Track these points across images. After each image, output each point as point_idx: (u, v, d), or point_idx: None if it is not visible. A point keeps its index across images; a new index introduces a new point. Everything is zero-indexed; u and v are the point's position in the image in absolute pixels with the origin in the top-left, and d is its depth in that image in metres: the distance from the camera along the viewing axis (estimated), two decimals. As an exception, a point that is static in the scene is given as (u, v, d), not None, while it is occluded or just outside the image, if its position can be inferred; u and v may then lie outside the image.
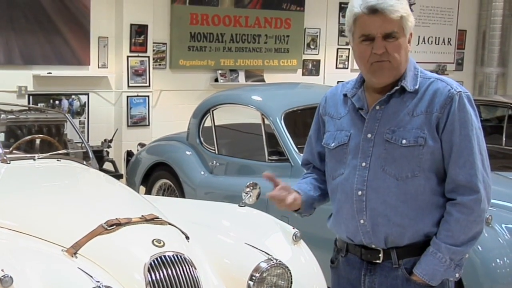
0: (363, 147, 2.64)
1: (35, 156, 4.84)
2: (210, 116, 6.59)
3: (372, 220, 2.62)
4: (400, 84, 2.60)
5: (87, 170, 4.87)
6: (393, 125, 2.59)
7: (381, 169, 2.60)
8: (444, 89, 2.56)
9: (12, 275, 3.05)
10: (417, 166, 2.55)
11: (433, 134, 2.54)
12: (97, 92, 9.46)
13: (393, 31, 2.53)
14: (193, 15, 10.06)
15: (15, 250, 3.42)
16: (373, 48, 2.55)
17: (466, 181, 2.52)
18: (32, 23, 8.75)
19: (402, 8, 2.53)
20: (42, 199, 4.08)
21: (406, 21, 2.55)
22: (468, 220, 2.52)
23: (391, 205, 2.59)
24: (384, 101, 2.64)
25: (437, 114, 2.54)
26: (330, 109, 2.83)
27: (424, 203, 2.58)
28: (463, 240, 2.53)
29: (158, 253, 3.45)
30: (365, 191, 2.63)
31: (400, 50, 2.55)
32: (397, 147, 2.57)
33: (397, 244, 2.61)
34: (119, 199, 4.20)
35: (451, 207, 2.55)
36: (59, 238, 3.59)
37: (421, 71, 2.66)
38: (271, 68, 10.89)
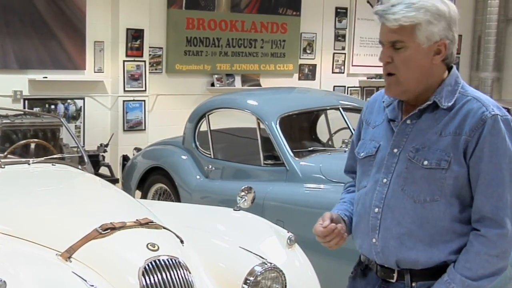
0: (387, 162, 2.50)
1: (29, 160, 4.84)
2: (206, 120, 6.60)
3: (383, 241, 2.49)
4: (433, 99, 2.43)
5: (82, 175, 4.86)
6: (419, 143, 2.43)
7: (400, 188, 2.45)
8: (478, 110, 2.36)
9: (5, 279, 3.04)
10: (438, 190, 2.38)
11: (459, 158, 2.35)
12: (93, 96, 9.46)
13: (397, 40, 2.39)
14: (189, 20, 10.06)
15: (9, 254, 3.42)
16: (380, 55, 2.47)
17: (492, 214, 2.33)
18: (28, 27, 8.74)
19: (410, 17, 2.35)
20: (36, 204, 4.07)
21: (420, 30, 2.36)
22: (489, 254, 2.33)
23: (405, 228, 2.44)
24: (416, 115, 2.47)
25: (466, 137, 2.34)
26: (369, 116, 2.69)
27: (443, 230, 2.41)
28: (481, 274, 2.35)
29: (153, 257, 3.45)
30: (381, 209, 2.49)
31: (408, 63, 2.40)
32: (418, 167, 2.41)
33: (411, 267, 2.47)
34: (113, 203, 4.20)
35: (474, 238, 2.36)
36: (53, 242, 3.59)
37: (463, 86, 2.46)
38: (267, 72, 10.90)
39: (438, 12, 2.37)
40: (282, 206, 5.43)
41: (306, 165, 5.62)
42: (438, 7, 2.37)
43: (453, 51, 2.44)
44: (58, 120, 8.45)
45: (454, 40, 2.43)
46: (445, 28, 2.39)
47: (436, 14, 2.36)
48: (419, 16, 2.35)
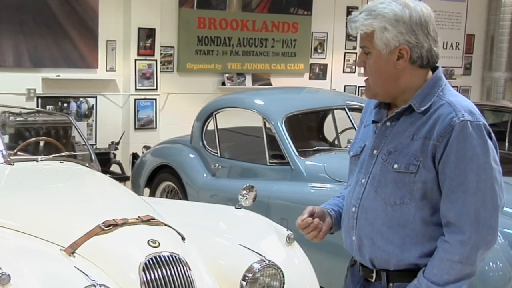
0: (367, 162, 2.55)
1: (38, 158, 4.94)
2: (213, 119, 6.69)
3: (358, 240, 2.55)
4: (409, 103, 2.45)
5: (88, 172, 4.96)
6: (392, 146, 2.46)
7: (374, 189, 2.49)
8: (447, 115, 2.36)
9: (9, 272, 3.14)
10: (408, 193, 2.40)
11: (428, 163, 2.37)
12: (105, 95, 9.57)
13: (364, 46, 2.46)
14: (200, 19, 10.15)
15: (14, 249, 3.51)
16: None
17: (455, 220, 2.34)
18: (41, 27, 8.87)
19: (366, 25, 2.42)
20: (41, 200, 4.17)
21: (376, 37, 2.41)
22: (451, 260, 2.34)
23: (377, 229, 2.48)
24: (395, 118, 2.50)
25: (434, 142, 2.35)
26: (364, 116, 2.74)
27: (413, 232, 2.42)
28: (447, 280, 2.35)
29: (153, 253, 3.53)
30: (357, 209, 2.54)
31: (373, 68, 2.46)
32: (389, 170, 2.45)
33: (384, 267, 2.51)
34: (117, 201, 4.29)
35: (440, 244, 2.38)
36: (57, 237, 3.67)
37: (444, 89, 2.47)
38: (278, 72, 10.96)
39: (396, 17, 2.38)
40: (286, 205, 5.51)
41: (311, 164, 5.70)
42: (396, 13, 2.39)
43: (422, 54, 2.42)
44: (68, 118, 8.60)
45: (420, 44, 2.41)
46: (404, 33, 2.39)
47: (393, 20, 2.38)
48: (374, 23, 2.39)
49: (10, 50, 8.69)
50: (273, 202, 5.57)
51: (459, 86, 12.90)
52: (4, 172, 4.64)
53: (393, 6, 2.40)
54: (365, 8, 2.45)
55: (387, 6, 2.40)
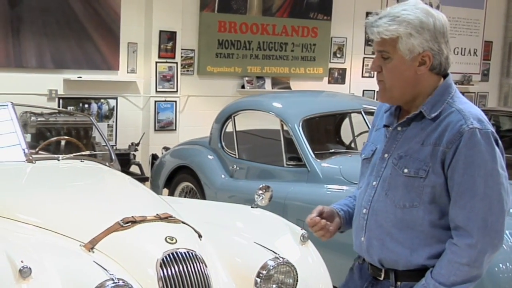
0: (378, 165, 2.61)
1: (59, 156, 5.05)
2: (231, 121, 6.77)
3: (368, 241, 2.61)
4: (420, 109, 2.51)
5: (108, 171, 5.05)
6: (403, 151, 2.52)
7: (384, 192, 2.56)
8: (457, 123, 2.42)
9: (31, 266, 3.24)
10: (417, 197, 2.47)
11: (437, 168, 2.43)
12: (125, 96, 9.69)
13: (384, 50, 2.49)
14: (221, 23, 10.26)
15: (35, 244, 3.61)
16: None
17: (463, 224, 2.41)
18: (64, 29, 9.00)
19: (391, 31, 2.45)
20: (62, 197, 4.27)
21: (401, 43, 2.45)
22: (459, 263, 2.41)
23: (386, 230, 2.55)
24: (406, 123, 2.56)
25: (443, 149, 2.42)
26: (376, 119, 2.79)
27: (422, 235, 2.49)
28: (454, 281, 2.42)
29: (170, 250, 3.61)
30: (368, 211, 2.61)
31: (393, 73, 2.49)
32: (399, 174, 2.51)
33: (392, 267, 2.58)
34: (136, 199, 4.38)
35: (448, 246, 2.45)
36: (77, 233, 3.77)
37: (454, 96, 2.52)
38: (297, 75, 11.05)
39: (421, 24, 2.43)
40: (302, 206, 5.58)
41: (327, 166, 5.77)
42: (421, 20, 2.44)
43: (442, 61, 2.49)
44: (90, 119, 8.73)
45: (441, 51, 2.48)
46: (428, 40, 2.45)
47: (418, 27, 2.43)
48: (400, 29, 2.43)
49: (33, 52, 8.83)
50: (289, 203, 5.64)
51: (476, 92, 12.97)
52: (26, 170, 4.75)
53: (418, 13, 2.44)
54: (385, 13, 2.48)
55: (412, 13, 2.44)
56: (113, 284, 3.31)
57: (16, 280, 3.24)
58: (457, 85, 12.32)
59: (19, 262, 3.26)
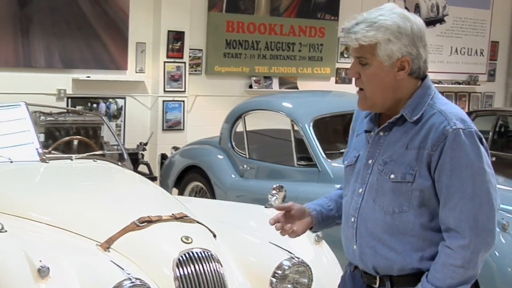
0: (363, 172, 2.56)
1: (72, 156, 5.07)
2: (242, 121, 6.79)
3: (360, 249, 2.56)
4: (401, 113, 2.47)
5: (121, 171, 5.08)
6: (387, 156, 2.49)
7: (372, 199, 2.51)
8: (440, 124, 2.39)
9: (49, 265, 3.27)
10: (406, 202, 2.43)
11: (424, 171, 2.40)
12: (133, 96, 9.70)
13: (362, 56, 2.44)
14: (229, 23, 10.28)
15: (53, 243, 3.63)
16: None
17: (455, 226, 2.37)
18: (73, 29, 9.02)
19: (369, 37, 2.40)
20: (78, 197, 4.30)
21: (380, 49, 2.40)
22: (454, 265, 2.37)
23: (378, 237, 2.50)
24: (387, 128, 2.52)
25: (428, 151, 2.39)
26: (355, 124, 2.74)
27: (414, 239, 2.46)
28: (450, 284, 2.38)
29: (186, 249, 3.64)
30: (356, 219, 2.55)
31: (372, 79, 2.45)
32: (386, 180, 2.47)
33: (387, 273, 2.53)
34: (151, 198, 4.41)
35: (441, 249, 2.41)
36: (93, 233, 3.80)
37: (433, 98, 2.49)
38: (304, 75, 11.05)
39: (399, 30, 2.40)
40: (313, 206, 5.57)
41: (338, 166, 5.78)
42: (399, 25, 2.40)
43: (420, 65, 2.47)
44: (99, 119, 8.75)
45: (419, 55, 2.45)
46: (407, 45, 2.42)
47: (396, 32, 2.40)
48: (378, 35, 2.39)
49: (42, 51, 8.85)
50: (300, 203, 5.64)
51: (483, 92, 12.98)
52: (40, 170, 4.78)
53: (395, 19, 2.40)
54: (362, 19, 2.42)
55: (389, 18, 2.40)
56: (131, 284, 3.34)
57: (35, 280, 3.27)
58: (463, 85, 12.44)
59: (38, 261, 3.30)
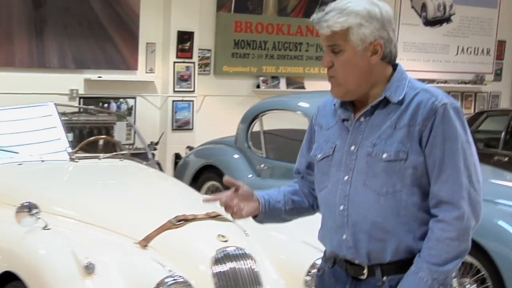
0: (346, 160, 2.54)
1: (99, 155, 5.17)
2: (259, 121, 6.88)
3: (354, 235, 2.51)
4: (384, 95, 2.49)
5: (148, 170, 5.19)
6: (375, 138, 2.48)
7: (362, 183, 2.49)
8: (428, 101, 2.42)
9: (94, 262, 3.37)
10: (399, 181, 2.44)
11: (416, 148, 2.42)
12: (143, 96, 9.77)
13: (334, 44, 2.47)
14: (237, 23, 10.36)
15: (94, 241, 3.73)
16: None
17: (448, 198, 2.39)
18: (85, 29, 9.10)
19: (341, 22, 2.43)
20: (112, 195, 4.40)
21: (352, 33, 2.43)
22: (450, 238, 2.37)
23: (372, 220, 2.47)
24: (369, 112, 2.52)
25: (419, 127, 2.41)
26: (321, 119, 2.71)
27: (407, 219, 2.45)
28: (446, 259, 2.38)
29: (223, 248, 3.76)
30: (346, 206, 2.51)
31: (346, 65, 2.47)
32: (378, 161, 2.46)
33: (380, 260, 2.49)
34: (183, 197, 4.51)
35: (434, 224, 2.41)
36: (130, 231, 3.90)
37: (410, 81, 2.52)
38: (311, 75, 11.13)
39: (369, 14, 2.45)
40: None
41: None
42: (368, 10, 2.46)
43: (391, 49, 2.51)
44: (112, 118, 8.89)
45: (390, 39, 2.49)
46: (378, 28, 2.46)
47: (367, 17, 2.44)
48: (349, 20, 2.43)
49: (55, 52, 8.92)
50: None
51: (489, 92, 13.05)
52: (71, 169, 4.87)
53: (364, 4, 2.46)
54: (331, 8, 2.46)
55: (357, 4, 2.45)
56: (173, 281, 3.44)
57: (82, 276, 3.37)
58: (470, 84, 12.52)
59: (84, 258, 3.39)
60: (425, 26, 12.12)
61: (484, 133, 9.09)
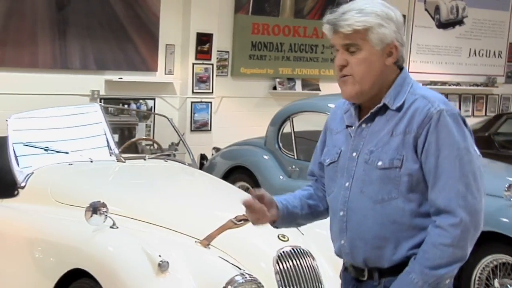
0: (348, 166, 2.54)
1: (145, 156, 5.24)
2: (290, 122, 6.96)
3: (350, 242, 2.53)
4: (383, 102, 2.48)
5: (195, 171, 5.27)
6: (373, 145, 2.48)
7: (359, 190, 2.49)
8: (423, 108, 2.41)
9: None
10: (395, 188, 2.43)
11: (411, 155, 2.41)
12: (163, 97, 9.83)
13: (352, 43, 2.45)
14: (254, 25, 10.44)
15: (160, 240, 3.79)
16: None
17: (444, 206, 2.37)
18: (107, 31, 9.16)
19: (362, 22, 2.43)
20: (168, 195, 4.48)
21: (372, 33, 2.43)
22: (444, 244, 2.35)
23: (368, 227, 2.48)
24: (369, 119, 2.52)
25: (414, 134, 2.40)
26: (332, 123, 2.71)
27: (404, 226, 2.44)
28: (439, 264, 2.36)
29: (284, 247, 3.83)
30: (345, 212, 2.52)
31: (363, 64, 2.45)
32: (373, 168, 2.46)
33: (377, 265, 2.50)
34: (238, 197, 4.54)
35: (431, 229, 2.39)
36: (191, 230, 3.96)
37: (413, 86, 2.51)
38: (326, 77, 11.18)
39: (387, 16, 2.46)
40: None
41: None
42: (386, 12, 2.47)
43: (402, 54, 2.52)
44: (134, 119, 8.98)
45: (403, 43, 2.51)
46: (395, 30, 2.47)
47: (386, 18, 2.45)
48: (370, 20, 2.43)
49: (77, 54, 8.98)
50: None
51: (500, 94, 13.15)
52: (121, 169, 4.92)
53: (380, 6, 2.47)
54: (348, 9, 2.46)
55: (375, 6, 2.47)
56: (243, 279, 3.50)
57: (156, 274, 3.43)
58: (481, 87, 12.61)
59: (157, 256, 3.46)
60: (438, 29, 12.24)
61: (503, 135, 9.18)
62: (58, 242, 3.98)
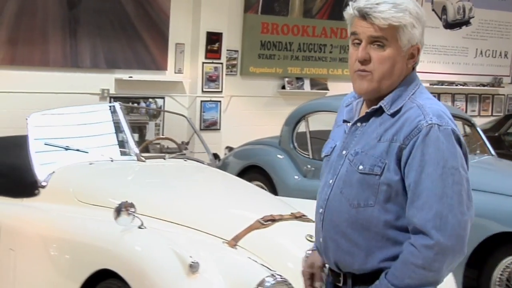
0: (335, 163, 2.42)
1: (165, 155, 5.22)
2: (305, 122, 6.95)
3: (324, 242, 2.44)
4: (379, 104, 2.35)
5: (215, 170, 5.25)
6: (360, 147, 2.35)
7: (339, 190, 2.37)
8: (415, 118, 2.27)
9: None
10: (373, 195, 2.30)
11: (393, 165, 2.27)
12: (172, 96, 9.82)
13: (381, 36, 2.30)
14: (264, 24, 10.45)
15: (187, 240, 3.77)
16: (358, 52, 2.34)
17: (420, 226, 2.22)
18: (117, 30, 9.17)
19: (398, 18, 2.28)
20: (193, 195, 4.44)
21: (404, 32, 2.29)
22: (415, 264, 2.22)
23: (341, 231, 2.36)
24: (365, 118, 2.40)
25: (399, 144, 2.26)
26: (339, 115, 2.59)
27: (377, 236, 2.31)
28: (408, 284, 2.23)
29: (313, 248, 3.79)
30: (324, 210, 2.42)
31: (385, 61, 2.31)
32: (355, 171, 2.33)
33: (349, 270, 2.39)
34: (265, 198, 4.55)
35: (405, 246, 2.26)
36: (218, 231, 3.93)
37: (416, 92, 2.36)
38: (335, 77, 11.20)
39: (418, 16, 2.32)
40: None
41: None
42: (417, 11, 2.33)
43: (419, 58, 2.41)
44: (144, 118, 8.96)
45: (423, 46, 2.40)
46: (421, 33, 2.35)
47: (416, 18, 2.32)
48: (406, 17, 2.29)
49: (87, 52, 8.99)
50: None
51: (506, 94, 13.16)
52: (142, 169, 4.89)
53: (413, 4, 2.33)
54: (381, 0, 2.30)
55: (408, 3, 2.32)
56: (274, 281, 3.48)
57: (187, 275, 3.42)
58: (488, 87, 12.61)
59: (188, 257, 3.44)
60: (445, 29, 12.26)
61: (512, 136, 9.22)
62: (85, 243, 3.96)
